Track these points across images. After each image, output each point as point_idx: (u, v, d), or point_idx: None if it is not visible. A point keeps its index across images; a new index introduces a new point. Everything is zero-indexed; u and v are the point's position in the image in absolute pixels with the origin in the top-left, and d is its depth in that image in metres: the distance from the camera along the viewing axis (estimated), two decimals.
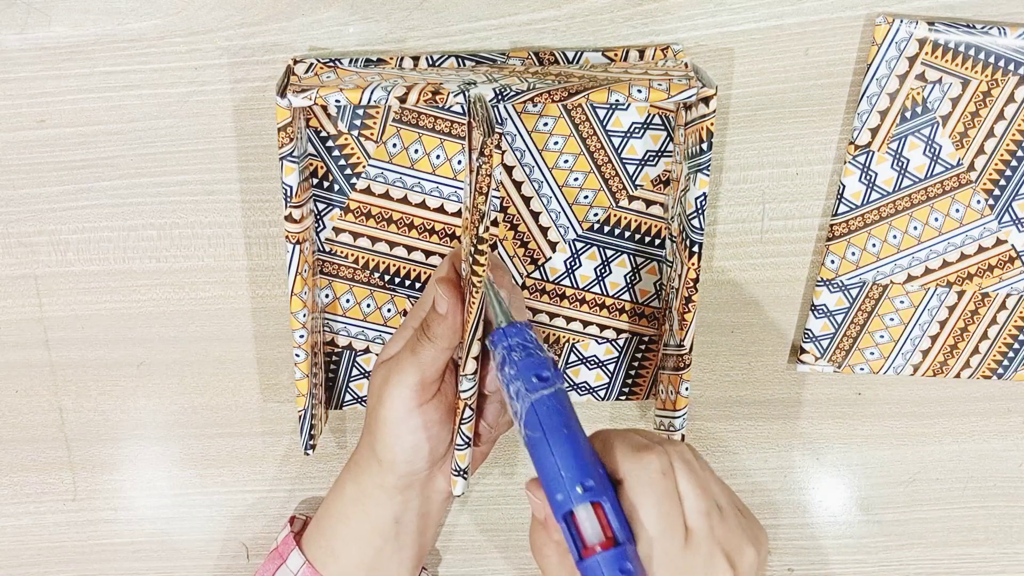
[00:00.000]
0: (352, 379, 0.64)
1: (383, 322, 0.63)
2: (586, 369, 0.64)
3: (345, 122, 0.58)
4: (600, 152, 0.59)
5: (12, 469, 0.66)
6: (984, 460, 0.68)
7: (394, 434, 0.55)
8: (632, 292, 0.62)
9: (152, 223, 0.61)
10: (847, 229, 0.61)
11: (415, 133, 0.59)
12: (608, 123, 0.59)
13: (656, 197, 0.60)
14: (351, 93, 0.52)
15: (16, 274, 0.62)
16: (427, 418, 0.55)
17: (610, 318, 0.63)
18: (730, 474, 0.68)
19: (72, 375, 0.64)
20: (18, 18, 0.57)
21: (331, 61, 0.57)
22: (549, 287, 0.62)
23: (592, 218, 0.61)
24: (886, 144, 0.59)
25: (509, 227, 0.61)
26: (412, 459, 0.55)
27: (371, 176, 0.59)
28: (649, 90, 0.52)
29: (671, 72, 0.55)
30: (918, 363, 0.64)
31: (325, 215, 0.60)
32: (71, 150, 0.60)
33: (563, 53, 0.57)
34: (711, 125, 0.53)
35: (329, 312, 0.62)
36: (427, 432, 0.55)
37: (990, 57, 0.56)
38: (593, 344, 0.64)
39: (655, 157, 0.60)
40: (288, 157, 0.54)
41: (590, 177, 0.60)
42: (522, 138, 0.59)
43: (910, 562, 0.70)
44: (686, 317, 0.57)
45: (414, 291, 0.62)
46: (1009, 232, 0.61)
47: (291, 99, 0.52)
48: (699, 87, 0.53)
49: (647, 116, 0.59)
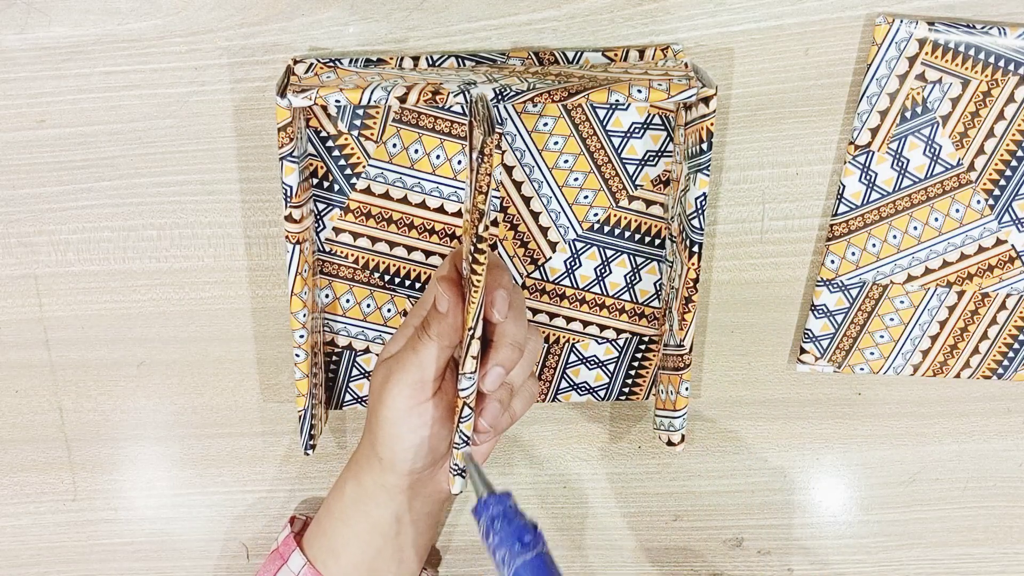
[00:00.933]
0: (352, 379, 0.64)
1: (383, 322, 0.63)
2: (586, 369, 0.64)
3: (345, 122, 0.58)
4: (600, 152, 0.59)
5: (12, 469, 0.66)
6: (984, 460, 0.68)
7: (394, 433, 0.55)
8: (632, 292, 0.62)
9: (152, 223, 0.61)
10: (847, 229, 0.61)
11: (415, 133, 0.59)
12: (608, 123, 0.59)
13: (656, 197, 0.60)
14: (351, 93, 0.52)
15: (16, 274, 0.62)
16: (427, 417, 0.55)
17: (610, 318, 0.63)
18: (730, 474, 0.68)
19: (72, 375, 0.64)
20: (18, 18, 0.57)
21: (331, 61, 0.57)
22: (549, 287, 0.62)
23: (592, 218, 0.61)
24: (886, 144, 0.59)
25: (509, 227, 0.61)
26: (413, 458, 0.55)
27: (371, 176, 0.59)
28: (649, 90, 0.52)
29: (671, 72, 0.55)
30: (918, 363, 0.64)
31: (325, 215, 0.60)
32: (71, 150, 0.60)
33: (563, 53, 0.57)
34: (711, 125, 0.53)
35: (329, 312, 0.62)
36: (428, 431, 0.55)
37: (990, 57, 0.56)
38: (593, 344, 0.64)
39: (655, 157, 0.60)
40: (288, 157, 0.54)
41: (590, 177, 0.60)
42: (522, 138, 0.59)
43: (910, 562, 0.70)
44: (686, 317, 0.57)
45: (414, 291, 0.62)
46: (1009, 232, 0.61)
47: (291, 99, 0.52)
48: (699, 87, 0.53)
49: (647, 116, 0.59)
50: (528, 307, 0.62)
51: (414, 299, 0.62)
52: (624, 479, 0.68)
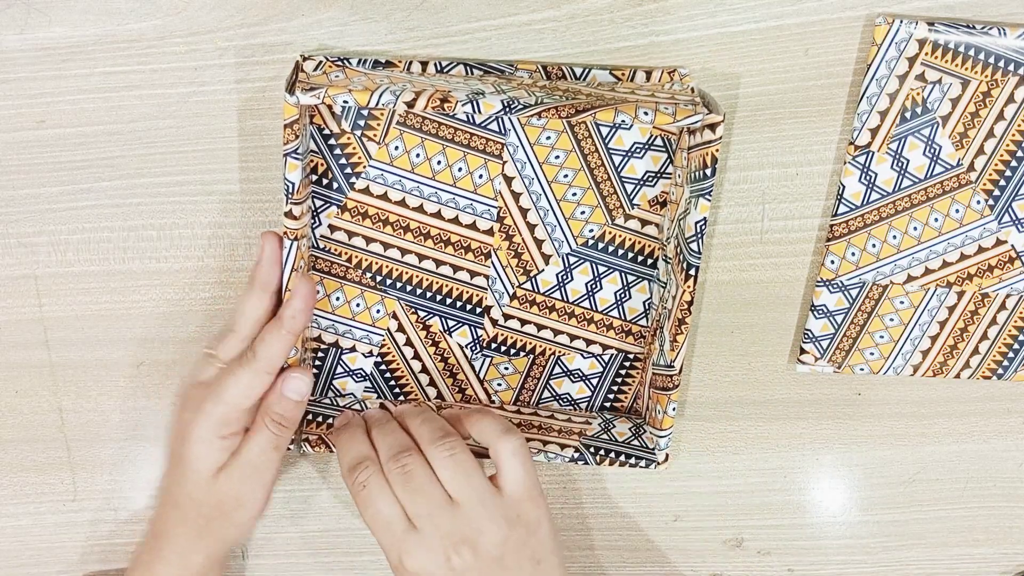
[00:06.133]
0: (336, 376, 0.64)
1: (371, 323, 0.63)
2: (569, 382, 0.64)
3: (349, 121, 0.58)
4: (600, 169, 0.59)
5: (12, 469, 0.66)
6: (984, 460, 0.68)
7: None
8: (620, 309, 0.63)
9: (152, 223, 0.61)
10: (847, 229, 0.61)
11: (418, 137, 0.59)
12: (610, 141, 0.59)
13: (652, 217, 0.61)
14: (359, 95, 0.52)
15: (16, 274, 0.62)
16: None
17: (597, 333, 0.63)
18: (730, 474, 0.68)
19: (72, 375, 0.64)
20: (18, 18, 0.57)
21: (340, 60, 0.57)
22: (539, 298, 0.62)
23: (587, 233, 0.61)
24: (886, 144, 0.59)
25: (504, 237, 0.61)
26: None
27: (371, 177, 0.59)
28: (656, 113, 0.53)
29: (677, 96, 0.55)
30: (918, 363, 0.64)
31: (322, 212, 0.60)
32: (71, 150, 0.60)
33: (571, 69, 0.57)
34: (716, 151, 0.53)
35: (319, 309, 0.62)
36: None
37: (990, 57, 0.56)
38: (579, 358, 0.64)
39: (654, 178, 0.60)
40: (292, 154, 0.54)
41: (588, 193, 0.60)
42: (524, 150, 0.59)
43: (910, 562, 0.70)
44: (678, 339, 0.57)
45: (405, 294, 0.62)
46: (1009, 232, 0.61)
47: (300, 96, 0.52)
48: (705, 113, 0.53)
49: (649, 136, 0.59)
50: (517, 317, 0.63)
51: (404, 301, 0.62)
52: (624, 479, 0.68)
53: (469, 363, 0.64)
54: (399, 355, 0.64)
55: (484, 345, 0.63)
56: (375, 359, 0.64)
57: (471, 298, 0.62)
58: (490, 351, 0.64)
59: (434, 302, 0.62)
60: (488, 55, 0.58)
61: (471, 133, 0.59)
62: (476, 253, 0.61)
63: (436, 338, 0.63)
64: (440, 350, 0.64)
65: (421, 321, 0.63)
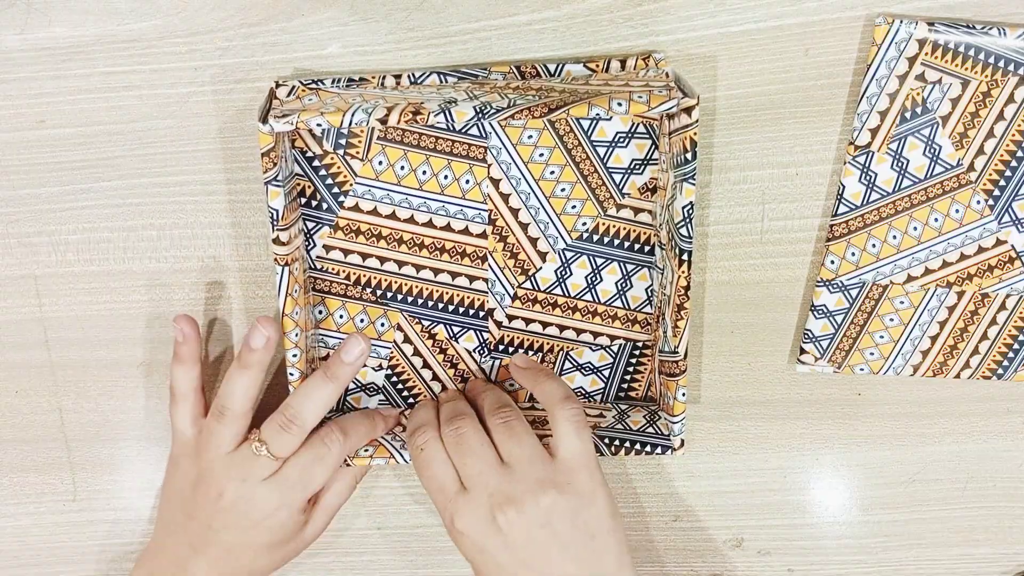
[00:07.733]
0: (350, 392, 0.64)
1: (377, 336, 0.63)
2: (581, 375, 0.64)
3: (330, 142, 0.58)
4: (586, 162, 0.59)
5: (12, 469, 0.66)
6: (984, 460, 0.68)
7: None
8: (624, 299, 0.63)
9: (152, 223, 0.61)
10: (847, 229, 0.61)
11: (400, 150, 0.59)
12: (593, 133, 0.59)
13: (644, 205, 0.60)
14: (332, 116, 0.53)
15: (16, 274, 0.62)
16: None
17: (603, 325, 0.63)
18: (730, 474, 0.68)
19: (72, 375, 0.65)
20: (18, 18, 0.57)
21: (313, 82, 0.57)
22: (541, 296, 0.62)
23: (581, 227, 0.61)
24: (886, 144, 0.59)
25: (498, 239, 0.61)
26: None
27: (359, 194, 0.60)
28: (629, 103, 0.52)
29: (652, 83, 0.54)
30: (918, 363, 0.64)
31: (315, 233, 0.60)
32: (71, 150, 0.60)
33: (544, 66, 0.57)
34: (694, 135, 0.53)
35: (324, 328, 0.62)
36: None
37: (990, 57, 0.56)
38: (588, 351, 0.64)
39: (641, 165, 0.60)
40: (272, 182, 0.54)
41: (577, 187, 0.60)
42: (507, 151, 0.59)
43: (910, 562, 0.70)
44: (679, 324, 0.57)
45: (407, 305, 0.62)
46: (1009, 232, 0.61)
47: (272, 124, 0.52)
48: (680, 97, 0.52)
49: (631, 125, 0.59)
50: (521, 317, 0.63)
51: (407, 313, 0.62)
52: (624, 479, 0.68)
53: (479, 367, 0.64)
54: (408, 366, 0.64)
55: (491, 348, 0.63)
56: (385, 372, 0.64)
57: (473, 303, 0.62)
58: (498, 353, 0.64)
59: (437, 310, 0.62)
60: (488, 55, 0.58)
61: (452, 140, 0.59)
62: (472, 258, 0.61)
63: (443, 346, 0.63)
64: (449, 357, 0.64)
65: (426, 330, 0.63)
